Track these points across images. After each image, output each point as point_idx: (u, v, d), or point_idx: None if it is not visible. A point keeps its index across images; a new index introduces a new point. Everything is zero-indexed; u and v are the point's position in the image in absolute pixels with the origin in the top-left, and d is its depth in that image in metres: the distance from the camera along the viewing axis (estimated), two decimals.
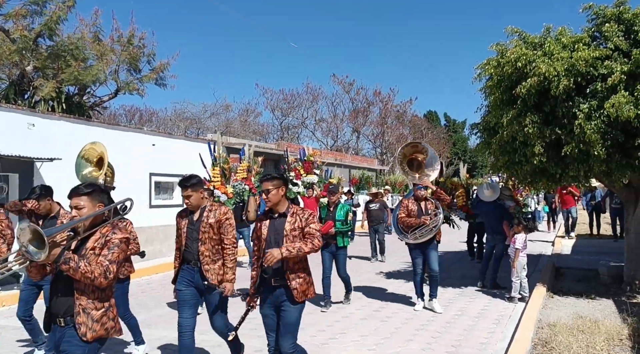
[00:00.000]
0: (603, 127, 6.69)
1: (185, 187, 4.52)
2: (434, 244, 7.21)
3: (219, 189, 9.12)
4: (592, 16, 7.55)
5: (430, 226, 7.01)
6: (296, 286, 3.99)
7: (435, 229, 6.99)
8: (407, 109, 39.55)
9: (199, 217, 4.58)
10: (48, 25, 15.28)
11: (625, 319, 6.30)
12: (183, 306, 4.64)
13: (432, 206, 7.21)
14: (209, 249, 4.55)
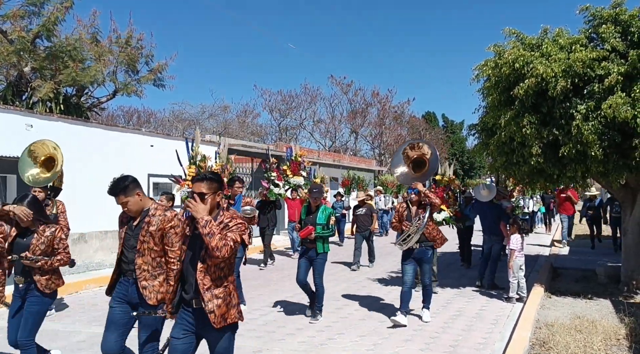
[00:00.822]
0: (600, 128, 6.72)
1: (117, 193, 3.82)
2: (427, 254, 6.59)
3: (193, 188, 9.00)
4: (589, 17, 7.58)
5: (411, 231, 6.49)
6: (213, 308, 3.22)
7: (416, 235, 6.45)
8: (405, 110, 39.61)
9: (139, 223, 3.89)
10: (46, 26, 15.26)
11: (622, 319, 6.32)
12: (109, 326, 3.97)
13: (422, 211, 6.60)
14: (148, 262, 3.85)
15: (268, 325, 6.58)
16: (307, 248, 6.71)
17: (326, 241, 6.71)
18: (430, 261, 6.73)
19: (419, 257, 6.55)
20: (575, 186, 9.21)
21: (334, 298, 8.18)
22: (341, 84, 37.66)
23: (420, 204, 6.65)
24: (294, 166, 12.64)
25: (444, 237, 6.75)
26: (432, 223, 6.65)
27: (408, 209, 6.71)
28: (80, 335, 6.19)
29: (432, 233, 6.58)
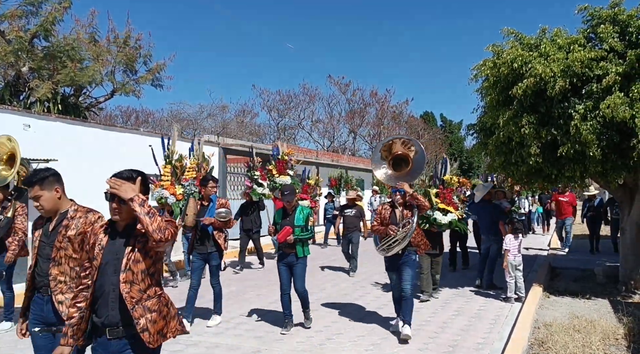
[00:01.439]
0: (598, 128, 6.73)
1: (32, 183, 3.26)
2: (411, 259, 6.03)
3: (167, 189, 8.36)
4: (588, 17, 7.59)
5: (398, 237, 5.89)
6: (146, 325, 2.72)
7: (404, 241, 5.85)
8: (404, 110, 39.65)
9: (55, 227, 3.33)
10: (44, 26, 15.26)
11: (620, 319, 6.33)
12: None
13: (409, 213, 6.02)
14: (66, 272, 3.26)
15: (267, 325, 6.57)
16: (285, 253, 6.18)
17: (306, 243, 6.20)
18: (413, 266, 6.09)
19: (402, 262, 6.01)
20: (574, 186, 9.19)
21: (332, 299, 8.18)
22: (339, 84, 37.73)
23: (405, 205, 6.08)
24: (280, 165, 12.04)
25: (427, 243, 6.31)
26: (418, 228, 6.13)
27: (393, 211, 6.12)
28: None
29: (417, 238, 6.09)
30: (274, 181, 11.67)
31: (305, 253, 6.19)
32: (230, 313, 7.20)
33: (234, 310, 7.39)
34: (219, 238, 6.48)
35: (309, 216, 6.19)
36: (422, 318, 6.96)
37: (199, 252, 6.54)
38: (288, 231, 5.99)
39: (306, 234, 6.12)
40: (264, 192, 11.32)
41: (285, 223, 6.10)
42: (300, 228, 6.08)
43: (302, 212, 6.18)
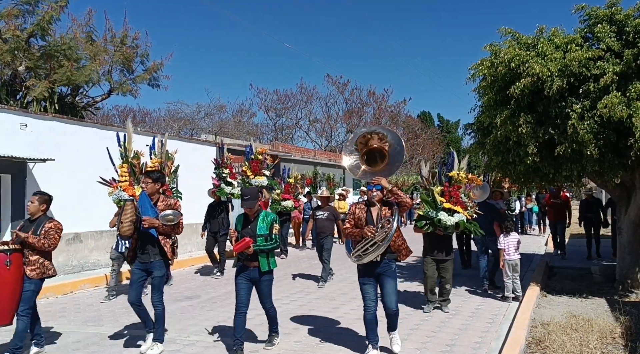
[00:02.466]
0: (596, 127, 6.74)
1: None
2: (391, 268, 5.18)
3: (126, 190, 7.78)
4: (585, 17, 7.61)
5: (377, 239, 5.02)
6: None
7: (384, 245, 5.00)
8: (401, 110, 39.69)
9: None
10: (40, 25, 15.22)
11: (617, 318, 6.35)
12: None
13: (388, 212, 5.16)
14: None
15: (264, 325, 6.56)
16: (245, 266, 5.32)
17: (271, 255, 5.36)
18: (394, 277, 5.23)
19: (381, 272, 5.14)
20: (571, 185, 9.15)
21: (330, 298, 8.17)
22: (337, 84, 37.78)
23: (384, 203, 5.22)
24: (254, 165, 11.28)
25: (409, 248, 5.37)
26: (398, 230, 5.23)
27: (369, 211, 5.23)
28: (75, 335, 6.16)
29: (397, 242, 5.19)
30: (249, 182, 11.03)
31: (271, 266, 5.34)
32: (228, 313, 7.18)
33: (231, 310, 7.37)
34: (165, 245, 5.44)
35: (273, 222, 5.31)
36: (420, 317, 6.97)
37: (140, 262, 5.50)
38: (246, 243, 5.11)
39: (269, 244, 5.26)
40: (232, 191, 10.51)
41: (246, 232, 5.26)
42: (264, 237, 5.23)
43: (265, 219, 5.32)
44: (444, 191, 7.25)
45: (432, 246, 7.31)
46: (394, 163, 5.37)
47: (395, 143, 5.36)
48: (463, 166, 7.58)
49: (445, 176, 7.45)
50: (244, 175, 11.21)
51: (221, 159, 10.95)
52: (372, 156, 5.40)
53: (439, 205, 7.10)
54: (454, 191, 7.18)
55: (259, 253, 5.22)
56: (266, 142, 30.26)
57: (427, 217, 7.09)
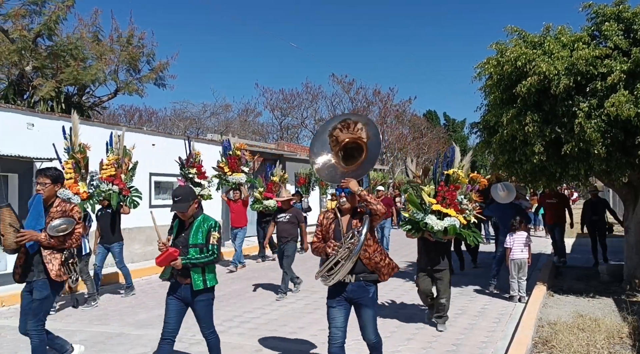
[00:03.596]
0: (603, 126, 6.70)
1: None
2: (368, 292, 4.22)
3: (70, 188, 7.14)
4: (592, 15, 7.56)
5: (339, 257, 4.11)
6: None
7: (348, 263, 4.07)
8: (407, 109, 39.58)
9: None
10: (47, 25, 15.29)
11: (625, 318, 6.31)
12: None
13: (358, 222, 4.22)
14: None
15: (269, 324, 6.57)
16: (177, 283, 4.35)
17: (210, 270, 4.35)
18: (373, 303, 4.27)
19: (355, 298, 4.21)
20: (578, 184, 9.06)
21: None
22: (343, 83, 37.68)
23: (355, 212, 4.30)
24: (232, 162, 10.59)
25: (393, 264, 4.40)
26: (374, 243, 4.23)
27: (337, 221, 4.31)
28: (81, 334, 6.19)
29: (374, 259, 4.20)
30: (226, 179, 10.48)
31: (209, 284, 4.34)
32: (234, 311, 7.20)
33: (237, 308, 7.40)
34: (50, 261, 4.46)
35: (211, 230, 4.33)
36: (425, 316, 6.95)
37: (27, 281, 4.57)
38: (170, 255, 4.15)
39: (204, 257, 4.25)
40: (202, 193, 9.71)
41: (178, 241, 4.35)
42: (198, 248, 4.28)
43: (202, 225, 4.34)
44: (437, 191, 6.21)
45: (424, 254, 6.39)
46: (370, 160, 4.30)
47: (372, 134, 4.33)
48: (464, 163, 6.53)
49: (441, 173, 6.36)
50: (221, 172, 10.55)
51: (187, 157, 10.00)
52: (349, 153, 4.38)
53: (427, 206, 6.13)
54: (450, 192, 6.13)
55: (192, 268, 4.24)
56: (272, 142, 30.29)
57: (412, 221, 6.21)
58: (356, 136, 4.34)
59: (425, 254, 6.39)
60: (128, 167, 8.00)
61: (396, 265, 4.42)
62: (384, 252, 4.34)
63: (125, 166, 7.89)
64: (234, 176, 10.44)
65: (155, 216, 4.62)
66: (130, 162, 8.10)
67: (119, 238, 8.12)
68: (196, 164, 10.01)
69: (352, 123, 4.39)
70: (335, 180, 4.35)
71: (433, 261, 6.31)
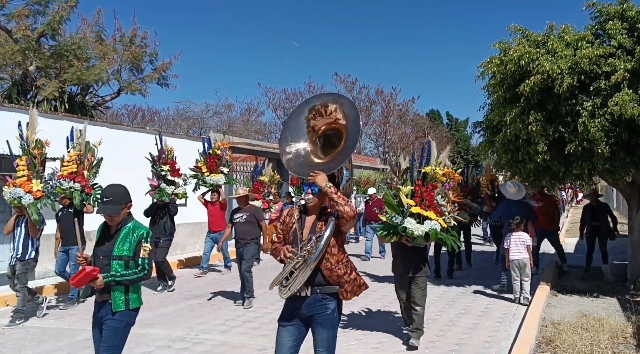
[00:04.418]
0: (607, 125, 6.68)
1: None
2: (327, 309, 3.46)
3: (22, 186, 6.69)
4: (596, 14, 7.53)
5: (292, 266, 3.44)
6: None
7: (304, 271, 3.39)
8: (410, 108, 39.53)
9: None
10: (51, 25, 15.33)
11: (629, 318, 6.28)
12: None
13: (323, 225, 3.51)
14: None
15: (273, 323, 6.55)
16: (101, 302, 3.69)
17: (135, 289, 3.70)
18: (331, 323, 3.49)
19: (311, 314, 3.46)
20: (582, 184, 9.02)
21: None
22: (345, 82, 37.68)
23: (323, 212, 3.60)
24: (210, 161, 9.87)
25: (360, 281, 3.61)
26: (339, 252, 3.53)
27: (301, 220, 3.63)
28: (85, 333, 6.20)
29: (337, 271, 3.48)
30: (203, 179, 9.81)
31: (132, 305, 3.68)
32: (236, 311, 7.21)
33: (240, 308, 7.40)
34: None
35: (141, 241, 3.68)
36: (429, 316, 6.93)
37: None
38: (88, 275, 3.46)
39: (130, 274, 3.60)
40: (177, 191, 9.03)
41: (100, 250, 3.70)
42: (123, 262, 3.63)
43: (131, 234, 3.68)
44: (414, 192, 5.59)
45: (399, 260, 5.80)
46: (346, 150, 3.56)
47: (349, 114, 3.57)
48: (442, 159, 5.87)
49: (418, 171, 5.73)
50: (198, 172, 9.84)
51: (159, 153, 9.17)
52: (329, 141, 3.71)
53: (405, 209, 5.50)
54: (428, 192, 5.54)
55: (114, 285, 3.57)
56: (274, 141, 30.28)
57: (389, 225, 5.60)
58: (332, 119, 3.65)
59: (401, 260, 5.76)
60: (91, 163, 7.44)
61: (364, 283, 3.64)
62: (351, 265, 3.61)
63: (88, 162, 7.33)
64: (212, 177, 9.72)
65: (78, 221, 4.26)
66: (94, 158, 7.53)
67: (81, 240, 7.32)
68: (169, 160, 9.19)
69: (321, 108, 3.67)
70: (303, 173, 3.66)
71: (410, 268, 5.67)
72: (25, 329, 6.47)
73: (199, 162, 9.97)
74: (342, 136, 3.58)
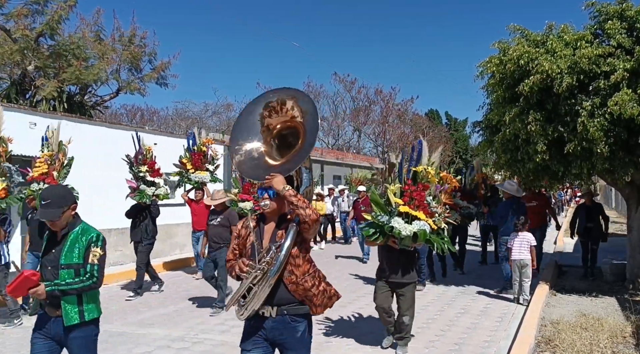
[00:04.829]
0: (606, 125, 6.68)
1: None
2: (295, 330, 3.07)
3: None
4: (595, 13, 7.54)
5: (249, 281, 3.04)
6: None
7: (264, 287, 3.00)
8: (409, 108, 39.54)
9: None
10: (49, 24, 15.30)
11: (628, 317, 6.30)
12: None
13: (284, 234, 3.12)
14: None
15: None
16: (45, 316, 3.32)
17: (90, 299, 3.32)
18: (302, 344, 3.13)
19: (277, 339, 3.08)
20: (581, 183, 9.02)
21: None
22: (345, 82, 37.68)
23: (282, 219, 3.21)
24: (195, 158, 9.55)
25: (330, 291, 3.22)
26: (304, 263, 3.12)
27: (258, 230, 3.22)
28: None
29: (304, 284, 3.08)
30: (187, 177, 9.45)
31: (87, 316, 3.30)
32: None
33: None
34: None
35: (90, 246, 3.32)
36: (428, 315, 6.95)
37: None
38: (26, 280, 3.12)
39: (79, 282, 3.23)
40: (157, 192, 8.59)
41: (47, 260, 3.35)
42: (73, 270, 3.26)
43: (79, 239, 3.32)
44: (403, 191, 5.31)
45: (386, 264, 5.42)
46: (305, 148, 3.17)
47: (306, 110, 3.21)
48: (434, 160, 5.63)
49: (408, 170, 5.45)
50: (183, 169, 9.51)
51: (136, 153, 8.69)
52: (285, 141, 3.32)
53: (393, 208, 5.24)
54: (418, 192, 5.25)
55: (62, 297, 3.20)
56: None
57: (375, 225, 5.27)
58: (288, 117, 3.27)
59: (387, 264, 5.39)
60: (62, 163, 7.11)
61: (335, 292, 3.24)
62: (319, 275, 3.20)
63: (59, 162, 7.00)
64: (197, 174, 9.34)
65: None
66: (65, 158, 7.22)
67: None
68: (148, 160, 8.71)
69: (277, 105, 3.27)
70: (258, 176, 3.25)
71: (397, 273, 5.31)
72: (25, 329, 6.45)
73: (183, 159, 9.55)
74: (299, 135, 3.21)
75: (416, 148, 5.49)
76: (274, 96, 3.29)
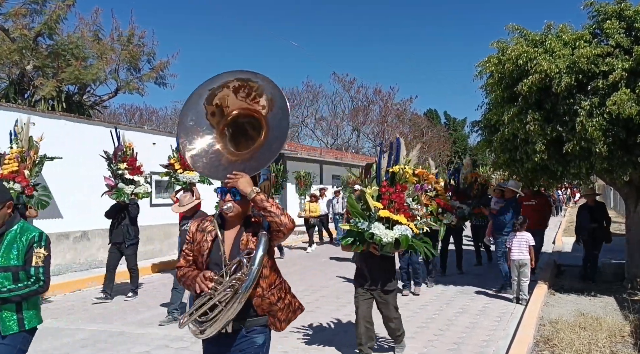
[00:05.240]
0: (604, 125, 6.69)
1: None
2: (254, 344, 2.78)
3: None
4: (594, 13, 7.54)
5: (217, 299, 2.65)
6: None
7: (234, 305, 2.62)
8: (407, 108, 39.57)
9: None
10: (48, 24, 15.29)
11: (627, 316, 6.30)
12: None
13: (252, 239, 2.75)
14: None
15: None
16: None
17: (30, 305, 3.06)
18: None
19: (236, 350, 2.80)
20: (579, 183, 9.01)
21: (336, 296, 8.17)
22: (343, 81, 37.69)
23: (247, 223, 2.83)
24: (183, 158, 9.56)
25: (295, 304, 2.96)
26: (271, 274, 2.82)
27: (214, 235, 2.81)
28: (82, 333, 6.19)
29: (269, 298, 2.79)
30: (176, 177, 9.00)
31: (27, 325, 3.03)
32: None
33: None
34: None
35: (32, 246, 3.05)
36: (427, 315, 6.95)
37: None
38: None
39: (22, 288, 2.97)
40: (137, 191, 8.29)
41: None
42: (11, 273, 2.99)
43: (18, 239, 3.05)
44: (381, 194, 4.94)
45: (366, 271, 5.01)
46: (273, 141, 2.79)
47: (277, 100, 2.86)
48: (411, 157, 5.35)
49: (386, 172, 5.09)
50: (172, 169, 9.19)
51: (115, 150, 8.35)
52: (241, 131, 2.91)
53: (372, 213, 4.85)
54: (396, 194, 4.89)
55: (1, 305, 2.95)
56: None
57: (353, 232, 4.86)
58: (247, 103, 2.85)
59: (368, 271, 5.00)
60: (34, 161, 6.74)
61: (299, 305, 2.98)
62: (285, 286, 2.93)
63: (30, 160, 6.64)
64: (185, 174, 8.91)
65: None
66: (37, 155, 6.86)
67: None
68: (127, 157, 8.42)
69: (242, 86, 2.83)
70: (218, 175, 2.81)
71: (378, 280, 4.97)
72: None
73: (171, 159, 9.15)
74: (262, 126, 2.80)
75: (394, 147, 5.15)
76: (232, 76, 2.85)
